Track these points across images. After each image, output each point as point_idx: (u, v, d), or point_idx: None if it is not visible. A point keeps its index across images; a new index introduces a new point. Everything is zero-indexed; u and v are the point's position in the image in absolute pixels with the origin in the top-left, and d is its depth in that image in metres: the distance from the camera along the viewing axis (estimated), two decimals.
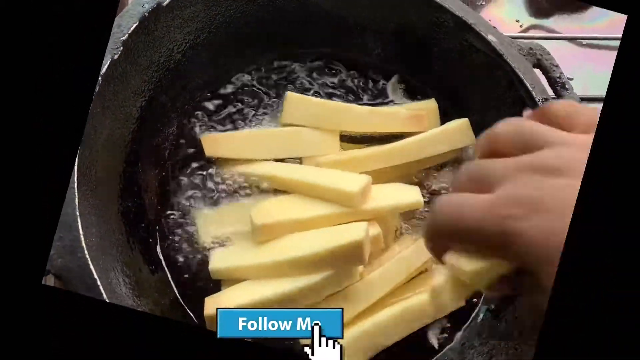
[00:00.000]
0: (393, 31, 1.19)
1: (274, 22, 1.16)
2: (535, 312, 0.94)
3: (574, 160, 0.61)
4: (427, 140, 1.12)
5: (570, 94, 1.09)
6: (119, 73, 0.97)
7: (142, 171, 1.05)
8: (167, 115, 1.10)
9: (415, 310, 1.02)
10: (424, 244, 0.69)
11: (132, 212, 1.01)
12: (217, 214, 1.06)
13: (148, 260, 1.01)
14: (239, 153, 1.10)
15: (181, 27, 1.07)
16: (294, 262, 0.94)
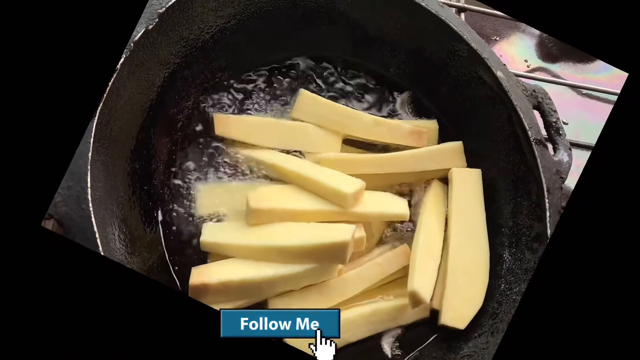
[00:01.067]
0: (410, 51, 1.20)
1: (301, 22, 1.17)
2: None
3: None
4: (421, 155, 1.14)
5: (562, 140, 1.10)
6: (149, 42, 0.98)
7: (154, 137, 1.06)
8: (187, 90, 1.11)
9: (382, 313, 1.04)
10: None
11: (138, 174, 1.02)
12: (216, 190, 1.07)
13: (145, 222, 1.02)
14: (247, 137, 1.11)
15: (215, 10, 1.07)
16: (280, 250, 0.96)
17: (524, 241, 1.05)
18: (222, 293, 0.95)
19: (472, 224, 1.10)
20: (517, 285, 1.02)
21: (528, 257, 1.03)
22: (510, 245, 1.07)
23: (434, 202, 1.13)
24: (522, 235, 1.06)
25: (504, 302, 1.02)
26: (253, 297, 0.99)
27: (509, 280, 1.04)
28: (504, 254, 1.07)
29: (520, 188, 1.08)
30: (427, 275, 1.03)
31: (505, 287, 1.04)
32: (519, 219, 1.08)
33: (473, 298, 1.04)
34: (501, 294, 1.04)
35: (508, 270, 1.05)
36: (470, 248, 1.07)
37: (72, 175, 0.83)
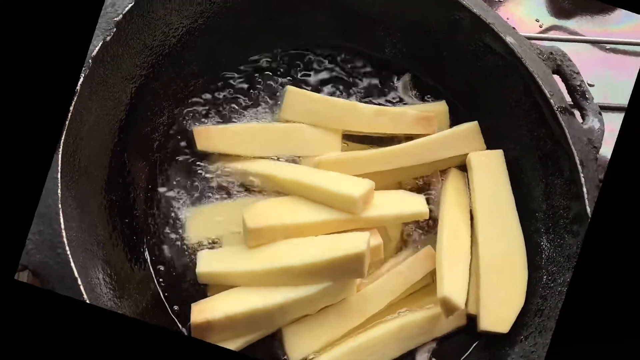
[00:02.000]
0: (405, 28, 1.19)
1: (279, 11, 1.17)
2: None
3: None
4: (433, 143, 1.13)
5: (590, 104, 1.10)
6: (110, 56, 0.97)
7: (129, 162, 1.05)
8: (159, 104, 1.11)
9: (412, 327, 1.03)
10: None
11: (117, 206, 1.02)
12: (207, 213, 1.07)
13: (131, 259, 1.01)
14: (233, 148, 1.10)
15: (179, 10, 1.07)
16: (288, 271, 0.95)
17: (562, 224, 1.05)
18: (229, 328, 0.95)
19: (500, 213, 1.09)
20: (561, 276, 1.01)
21: (569, 242, 1.02)
22: (547, 231, 1.07)
23: (454, 193, 1.12)
24: (559, 218, 1.05)
25: (548, 296, 1.02)
26: (264, 329, 0.98)
27: (550, 271, 1.04)
28: (542, 241, 1.07)
29: (549, 165, 1.08)
30: (457, 278, 1.03)
31: (548, 278, 1.03)
32: (553, 200, 1.07)
33: (513, 296, 1.03)
34: (544, 287, 1.03)
35: (548, 259, 1.05)
36: (502, 240, 1.07)
37: (41, 217, 0.83)
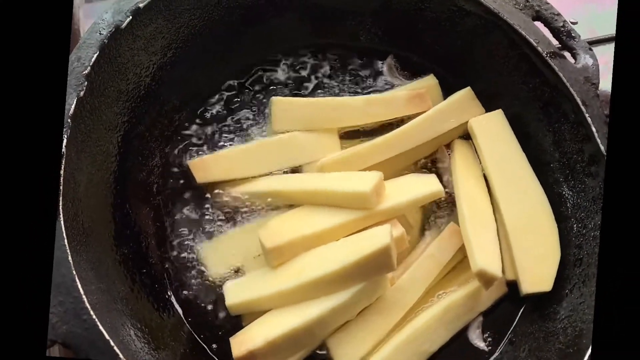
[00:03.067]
0: (375, 11, 1.19)
1: (245, 25, 1.16)
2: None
3: None
4: (432, 118, 1.13)
5: (578, 42, 1.09)
6: (87, 111, 0.96)
7: (132, 212, 1.04)
8: (148, 147, 1.10)
9: (455, 308, 1.02)
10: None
11: (130, 259, 1.00)
12: (222, 244, 1.06)
13: (158, 308, 1.00)
14: (233, 173, 1.10)
15: (145, 48, 1.06)
16: (317, 282, 0.94)
17: (579, 169, 1.04)
18: (272, 354, 0.94)
19: (515, 173, 1.09)
20: (591, 220, 1.01)
21: (591, 185, 1.02)
22: (566, 179, 1.06)
23: (464, 164, 1.12)
24: (574, 163, 1.04)
25: (583, 244, 1.01)
26: (308, 345, 0.97)
27: (579, 218, 1.03)
28: (563, 191, 1.06)
29: (552, 113, 1.07)
30: (488, 248, 1.02)
31: (578, 226, 1.03)
32: (564, 147, 1.06)
33: (548, 253, 1.03)
34: (577, 235, 1.03)
35: (574, 207, 1.04)
36: (524, 199, 1.07)
37: (59, 288, 0.82)
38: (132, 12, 1.00)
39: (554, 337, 0.97)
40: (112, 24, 0.98)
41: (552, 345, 0.96)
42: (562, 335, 0.96)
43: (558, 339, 0.96)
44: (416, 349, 0.99)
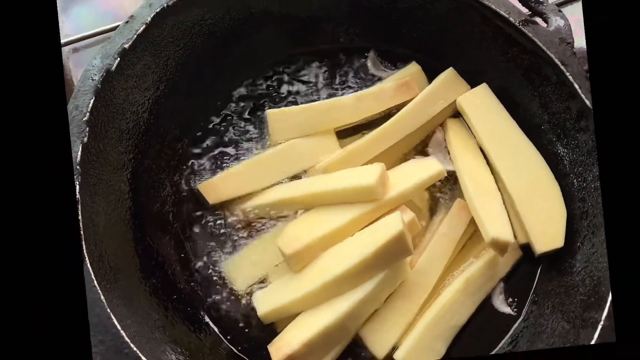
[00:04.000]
0: (348, 12, 1.19)
1: (227, 46, 1.16)
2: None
3: None
4: (421, 103, 1.13)
5: (547, 6, 1.09)
6: (94, 155, 0.96)
7: (154, 243, 1.05)
8: (157, 179, 1.10)
9: (476, 279, 1.03)
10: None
11: (160, 288, 1.01)
12: (244, 258, 1.06)
13: (194, 330, 1.00)
14: (242, 189, 1.10)
15: (137, 86, 1.06)
16: (341, 279, 0.94)
17: (570, 126, 1.04)
18: (311, 354, 0.94)
19: (509, 140, 1.09)
20: (589, 173, 1.01)
21: (583, 139, 1.02)
22: (559, 138, 1.06)
23: (459, 141, 1.12)
24: (564, 121, 1.05)
25: (586, 197, 1.01)
26: (342, 340, 0.98)
27: (578, 172, 1.03)
28: (558, 149, 1.07)
29: (534, 78, 1.08)
30: (496, 216, 1.02)
31: (579, 180, 1.03)
32: (551, 108, 1.07)
33: (554, 211, 1.03)
34: (578, 190, 1.03)
35: (571, 162, 1.05)
36: (522, 164, 1.07)
37: (96, 327, 0.82)
38: (119, 54, 1.00)
39: (574, 290, 0.97)
40: (103, 69, 0.99)
41: (574, 298, 0.96)
42: (581, 287, 0.96)
43: (578, 291, 0.96)
44: (446, 324, 0.99)
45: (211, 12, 1.12)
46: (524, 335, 1.00)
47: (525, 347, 0.98)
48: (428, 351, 0.98)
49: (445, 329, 1.00)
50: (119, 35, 1.03)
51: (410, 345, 0.97)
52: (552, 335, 0.95)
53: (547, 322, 0.98)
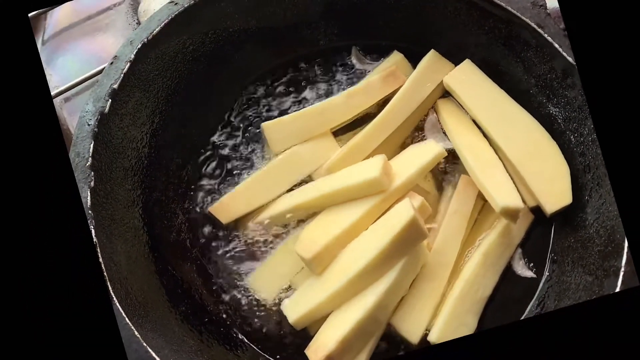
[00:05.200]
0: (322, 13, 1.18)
1: (213, 69, 1.15)
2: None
3: None
4: (409, 90, 1.12)
5: None
6: (103, 197, 0.96)
7: (176, 272, 1.04)
8: (169, 209, 1.09)
9: (494, 249, 1.02)
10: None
11: (190, 314, 1.00)
12: (266, 270, 1.05)
13: (231, 349, 1.00)
14: (252, 204, 1.09)
15: (133, 123, 1.05)
16: (363, 273, 0.94)
17: (557, 85, 1.03)
18: (348, 350, 0.93)
19: (501, 109, 1.09)
20: (584, 127, 1.00)
21: (572, 96, 1.01)
22: (549, 98, 1.05)
23: (453, 119, 1.12)
24: (551, 82, 1.04)
25: (585, 151, 1.00)
26: (376, 332, 0.97)
27: (573, 129, 1.02)
28: (550, 110, 1.06)
29: (515, 45, 1.07)
30: (502, 185, 1.02)
31: (575, 136, 1.02)
32: (536, 71, 1.06)
33: (557, 169, 1.03)
34: (577, 145, 1.02)
35: (565, 120, 1.04)
36: (518, 130, 1.06)
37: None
38: (110, 95, 0.99)
39: (590, 242, 0.96)
40: (96, 112, 0.98)
41: (592, 250, 0.95)
42: (597, 238, 0.95)
43: (595, 243, 0.95)
44: (473, 298, 0.99)
45: (191, 38, 1.11)
46: (549, 295, 1.00)
47: (553, 307, 0.97)
48: (460, 327, 0.97)
49: (473, 303, 0.99)
50: (106, 76, 1.02)
51: (442, 325, 0.97)
52: (577, 290, 0.95)
53: (570, 278, 0.98)
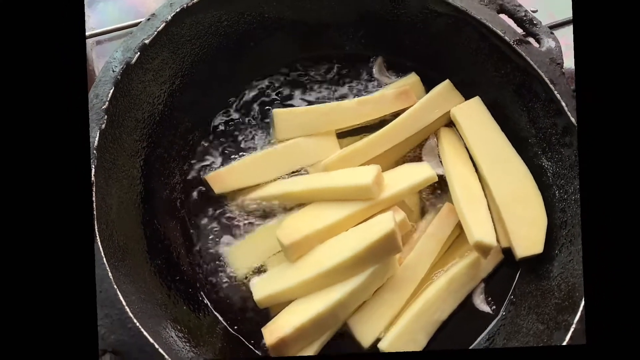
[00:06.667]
0: (355, 21, 1.19)
1: (241, 48, 1.16)
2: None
3: None
4: (418, 111, 1.13)
5: (540, 28, 1.09)
6: (110, 141, 0.96)
7: (161, 227, 1.04)
8: (168, 167, 1.09)
9: (459, 277, 1.03)
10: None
11: (164, 268, 1.00)
12: (244, 247, 1.05)
13: (194, 309, 1.00)
14: (246, 182, 1.09)
15: (155, 79, 1.06)
16: (334, 270, 0.94)
17: (555, 141, 1.04)
18: (302, 338, 0.94)
19: (498, 151, 1.09)
20: (571, 185, 1.01)
21: (567, 154, 1.02)
22: (544, 152, 1.06)
23: (451, 148, 1.12)
24: (550, 136, 1.04)
25: (566, 208, 1.01)
26: (332, 327, 0.97)
27: (560, 185, 1.03)
28: (542, 162, 1.06)
29: (525, 94, 1.07)
30: (481, 221, 1.02)
31: (560, 192, 1.03)
32: (539, 123, 1.06)
33: (536, 219, 1.03)
34: (559, 201, 1.03)
35: (554, 175, 1.04)
36: (508, 174, 1.07)
37: (103, 302, 0.82)
38: (140, 49, 1.00)
39: (550, 293, 0.97)
40: (123, 61, 0.98)
41: (549, 301, 0.96)
42: (557, 291, 0.96)
43: (554, 295, 0.96)
44: (428, 318, 0.99)
45: (227, 14, 1.11)
46: (500, 333, 1.00)
47: (501, 345, 0.98)
48: (410, 342, 0.97)
49: (428, 323, 0.99)
50: (140, 31, 1.03)
51: (394, 336, 0.97)
52: (527, 335, 0.95)
53: (523, 322, 0.98)
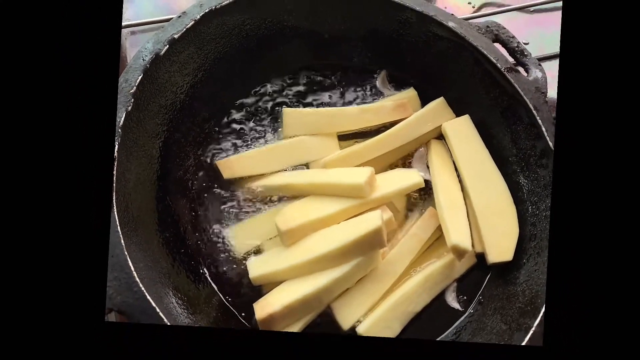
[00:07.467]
0: (364, 36, 1.19)
1: (259, 50, 1.16)
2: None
3: None
4: (412, 123, 1.13)
5: (529, 59, 1.10)
6: (134, 122, 0.96)
7: (172, 204, 1.04)
8: (184, 150, 1.09)
9: (435, 275, 1.03)
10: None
11: (171, 241, 1.01)
12: (246, 228, 1.05)
13: (194, 280, 1.00)
14: (253, 170, 1.09)
15: (180, 71, 1.06)
16: (324, 258, 0.95)
17: (533, 161, 1.04)
18: (288, 316, 0.94)
19: (481, 165, 1.09)
20: (543, 202, 1.01)
21: (542, 174, 1.02)
22: (522, 170, 1.06)
23: (439, 160, 1.12)
24: (529, 157, 1.05)
25: (537, 222, 1.02)
26: (317, 308, 0.98)
27: (533, 201, 1.03)
28: (520, 179, 1.07)
29: (510, 117, 1.08)
30: (460, 226, 1.02)
31: (533, 208, 1.03)
32: (520, 144, 1.07)
33: (509, 229, 1.03)
34: (531, 215, 1.03)
35: (529, 192, 1.05)
36: (488, 186, 1.07)
37: (114, 266, 0.83)
38: (169, 42, 1.00)
39: (514, 297, 0.97)
40: (153, 52, 0.99)
41: (514, 305, 0.96)
42: (521, 296, 0.96)
43: (518, 299, 0.96)
44: (404, 309, 0.99)
45: (251, 19, 1.11)
46: (466, 329, 1.00)
47: (466, 339, 0.98)
48: (386, 329, 0.98)
49: (403, 313, 0.99)
50: (171, 26, 1.03)
51: (372, 322, 0.97)
52: (490, 333, 0.96)
53: (488, 321, 0.98)
